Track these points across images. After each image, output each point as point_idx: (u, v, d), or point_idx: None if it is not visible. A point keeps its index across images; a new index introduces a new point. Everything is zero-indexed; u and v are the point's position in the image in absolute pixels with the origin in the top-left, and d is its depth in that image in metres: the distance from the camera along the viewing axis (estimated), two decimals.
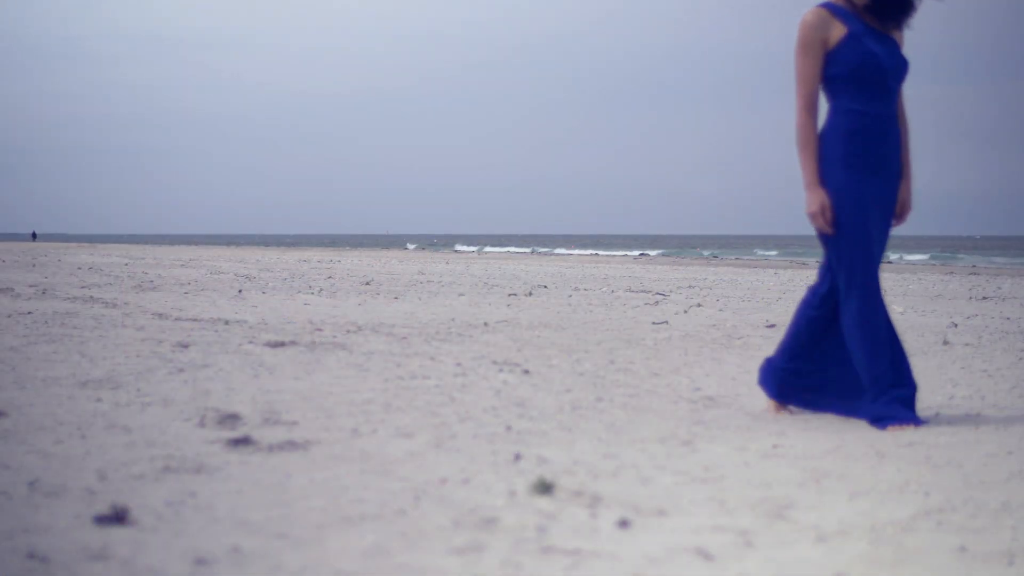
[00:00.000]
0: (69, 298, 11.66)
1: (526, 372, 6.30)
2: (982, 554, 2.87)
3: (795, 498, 3.42)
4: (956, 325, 10.36)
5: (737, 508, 3.29)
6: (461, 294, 14.06)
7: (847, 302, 4.86)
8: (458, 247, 75.26)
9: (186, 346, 7.17)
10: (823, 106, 4.92)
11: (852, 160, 4.78)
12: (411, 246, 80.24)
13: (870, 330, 4.82)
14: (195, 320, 9.21)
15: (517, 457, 3.96)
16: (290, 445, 4.10)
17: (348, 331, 8.41)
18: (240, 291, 13.80)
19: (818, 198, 4.75)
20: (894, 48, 4.77)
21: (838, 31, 4.68)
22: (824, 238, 4.86)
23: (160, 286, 14.59)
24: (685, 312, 11.37)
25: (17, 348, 6.92)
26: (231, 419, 4.60)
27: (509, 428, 4.57)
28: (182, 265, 23.95)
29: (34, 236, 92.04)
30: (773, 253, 63.44)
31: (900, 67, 4.78)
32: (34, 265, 21.43)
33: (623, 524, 3.08)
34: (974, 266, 36.98)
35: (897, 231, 5.10)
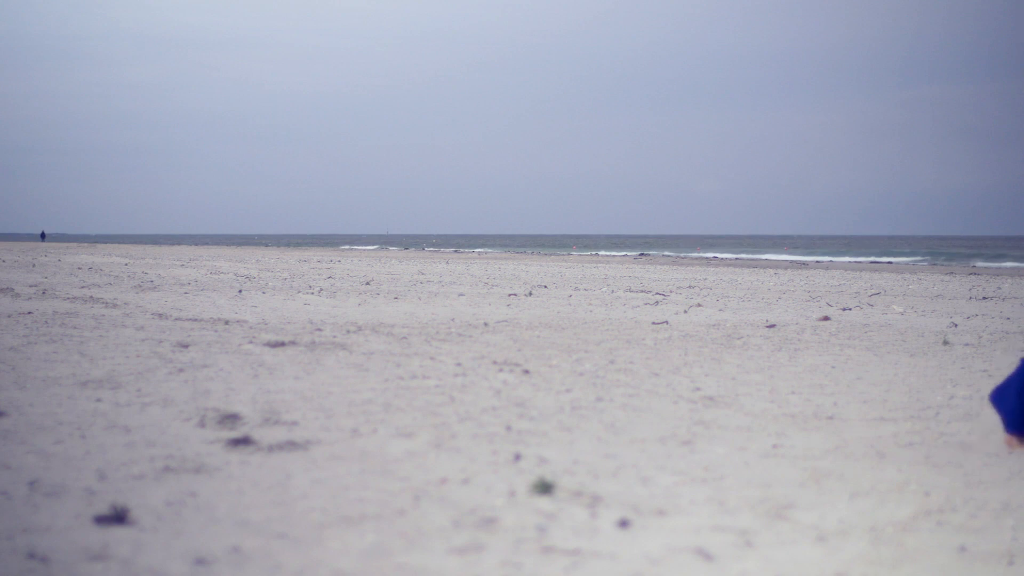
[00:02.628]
0: (69, 298, 11.66)
1: (526, 372, 6.29)
2: (982, 554, 2.87)
3: (795, 498, 3.42)
4: (956, 325, 10.37)
5: (737, 508, 3.29)
6: (461, 294, 14.05)
7: None
8: (391, 248, 75.19)
9: (186, 346, 7.16)
10: None
11: None
12: (345, 246, 79.59)
13: None
14: (195, 320, 9.20)
15: (517, 457, 3.96)
16: (290, 445, 4.10)
17: (348, 331, 8.40)
18: (240, 291, 13.79)
19: None
20: None
21: None
22: None
23: (160, 286, 14.59)
24: (685, 312, 11.37)
25: (17, 348, 6.92)
26: (231, 419, 4.60)
27: (509, 428, 4.57)
28: (182, 265, 23.95)
29: (43, 236, 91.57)
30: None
31: None
32: (34, 265, 21.43)
33: (623, 524, 3.08)
34: (974, 266, 36.94)
35: (897, 232, 4.99)
